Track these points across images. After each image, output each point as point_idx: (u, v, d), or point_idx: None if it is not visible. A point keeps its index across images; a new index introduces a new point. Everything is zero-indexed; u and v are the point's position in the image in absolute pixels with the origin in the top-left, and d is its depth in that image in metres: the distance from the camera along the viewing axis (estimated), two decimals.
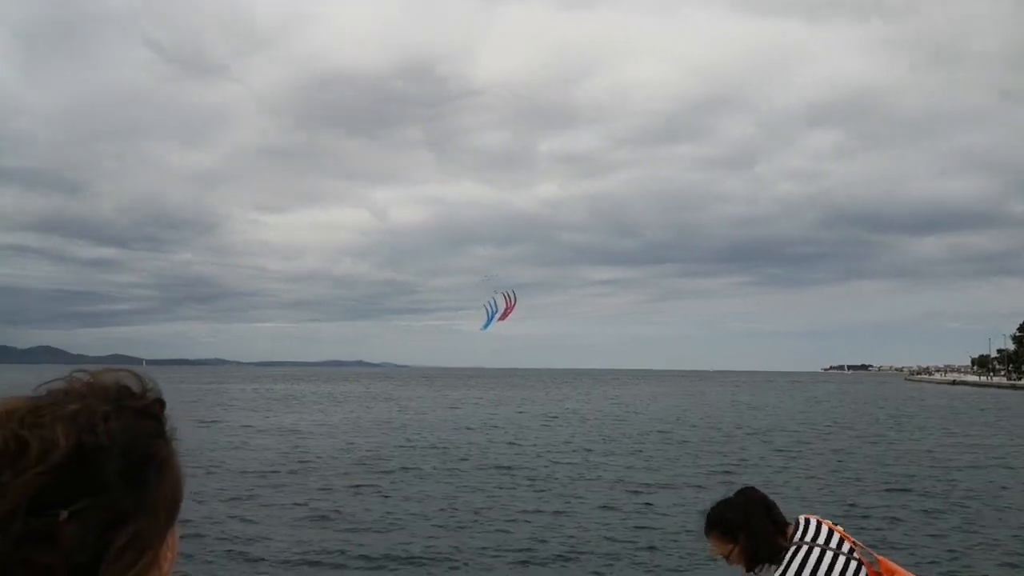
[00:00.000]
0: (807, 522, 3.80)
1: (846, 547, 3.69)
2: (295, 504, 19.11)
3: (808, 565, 3.62)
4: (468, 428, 43.34)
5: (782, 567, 3.63)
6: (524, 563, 13.74)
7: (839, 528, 3.79)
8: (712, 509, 3.91)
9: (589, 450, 31.42)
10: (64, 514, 1.13)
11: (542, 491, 21.27)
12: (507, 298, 73.00)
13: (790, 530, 3.76)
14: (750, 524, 3.76)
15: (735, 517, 3.80)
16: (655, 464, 26.99)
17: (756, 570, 3.74)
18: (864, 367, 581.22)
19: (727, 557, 3.82)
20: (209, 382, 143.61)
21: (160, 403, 1.32)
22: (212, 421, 46.18)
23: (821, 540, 3.70)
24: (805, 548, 3.67)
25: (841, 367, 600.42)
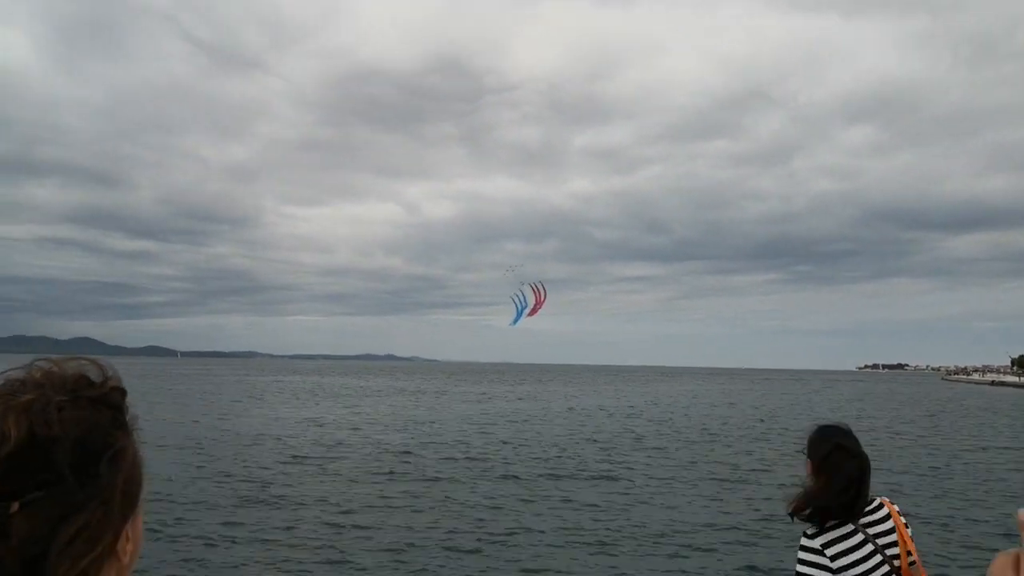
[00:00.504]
0: (879, 507, 3.68)
1: (894, 550, 3.56)
2: (317, 500, 19.14)
3: (841, 547, 3.50)
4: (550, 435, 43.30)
5: (818, 535, 3.53)
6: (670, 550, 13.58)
7: (906, 532, 3.65)
8: (819, 427, 3.81)
9: (661, 448, 31.00)
10: (15, 506, 1.11)
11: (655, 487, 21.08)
12: (536, 291, 72.52)
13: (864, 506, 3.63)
14: (824, 463, 3.62)
15: (816, 446, 3.69)
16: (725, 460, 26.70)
17: (798, 517, 3.61)
18: (899, 366, 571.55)
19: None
20: (242, 374, 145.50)
21: (120, 391, 1.30)
22: (235, 415, 46.68)
23: (875, 531, 3.59)
24: (859, 535, 3.55)
25: (875, 366, 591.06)
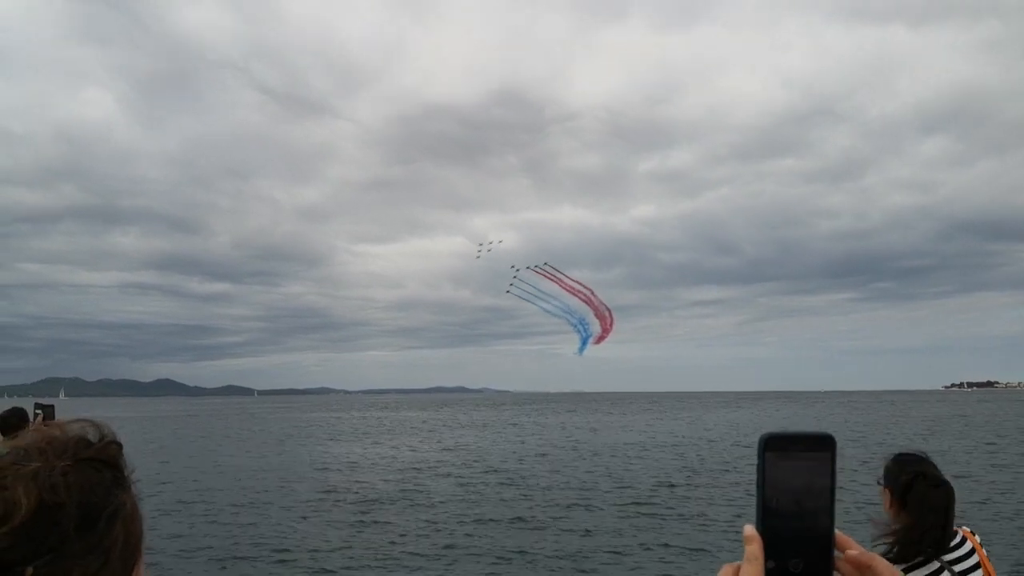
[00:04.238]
0: (962, 541, 3.48)
1: None
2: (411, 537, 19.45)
3: None
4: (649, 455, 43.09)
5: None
6: None
7: (991, 567, 3.48)
8: (897, 455, 3.67)
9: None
10: (30, 570, 1.23)
11: None
12: (601, 317, 71.85)
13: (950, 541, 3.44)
14: (907, 494, 3.46)
15: (895, 475, 3.54)
16: None
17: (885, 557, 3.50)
18: (988, 384, 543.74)
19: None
20: (318, 411, 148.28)
21: (117, 446, 1.40)
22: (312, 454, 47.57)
23: (961, 568, 3.39)
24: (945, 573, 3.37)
25: (962, 384, 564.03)
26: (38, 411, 8.43)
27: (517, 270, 78.98)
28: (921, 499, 3.42)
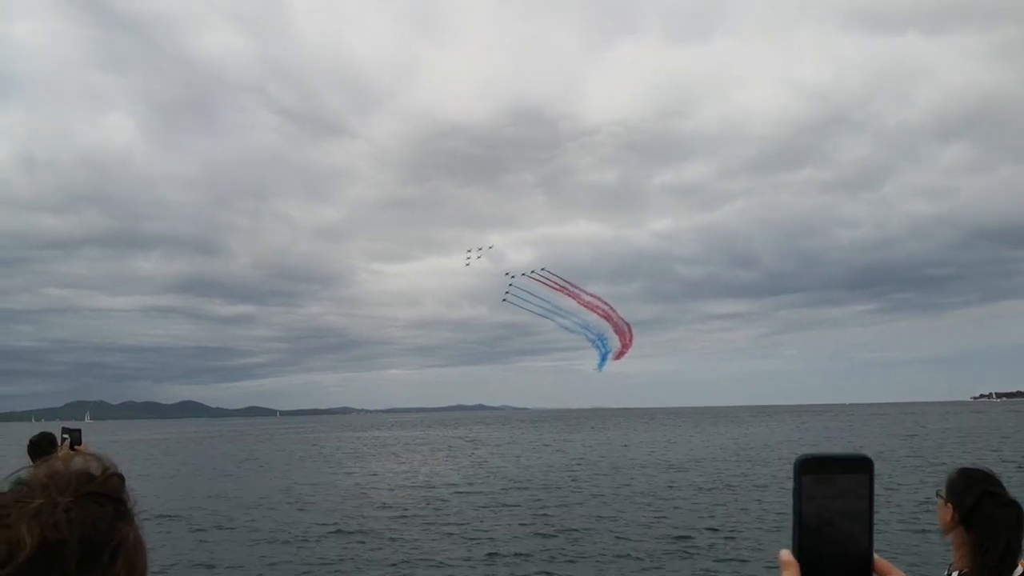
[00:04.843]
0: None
1: None
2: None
3: None
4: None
5: None
6: None
7: None
8: (962, 470, 3.51)
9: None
10: None
11: None
12: (621, 332, 70.74)
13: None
14: (973, 513, 3.29)
15: (961, 492, 3.38)
16: None
17: None
18: (1018, 394, 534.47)
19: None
20: (339, 431, 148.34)
21: (119, 479, 1.40)
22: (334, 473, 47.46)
23: None
24: None
25: (990, 395, 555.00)
26: (65, 435, 8.40)
27: (512, 277, 75.35)
28: (989, 519, 3.26)
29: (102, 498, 1.35)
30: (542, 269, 75.02)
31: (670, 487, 32.61)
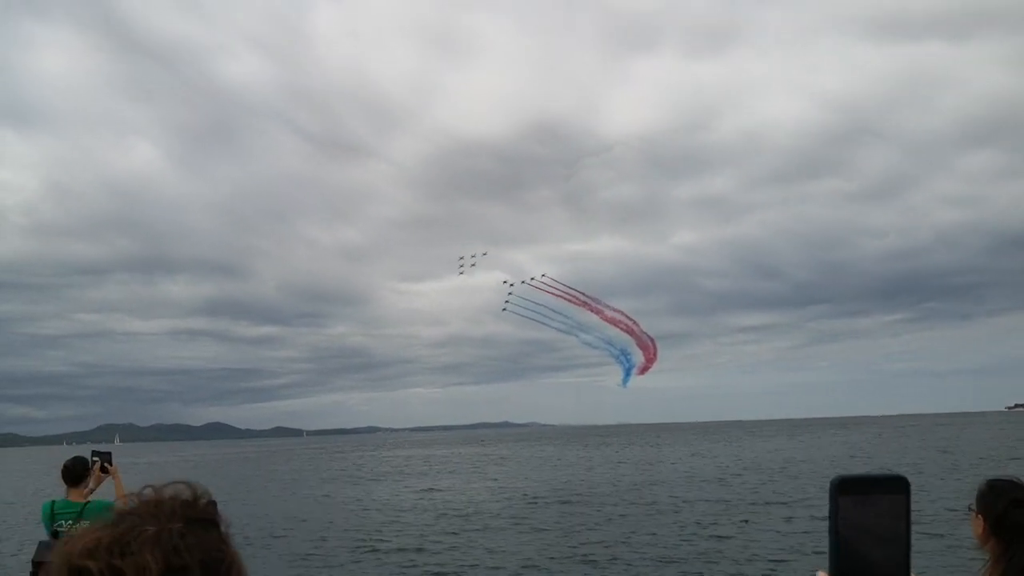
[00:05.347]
0: None
1: None
2: None
3: None
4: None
5: None
6: None
7: None
8: (991, 480, 3.50)
9: None
10: None
11: None
12: (645, 347, 69.70)
13: None
14: (1001, 521, 3.28)
15: (989, 502, 3.36)
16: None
17: None
18: None
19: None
20: (366, 450, 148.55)
21: (214, 504, 1.47)
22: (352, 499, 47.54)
23: None
24: None
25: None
26: (95, 458, 8.56)
27: (511, 285, 73.75)
28: (1016, 527, 3.25)
29: (206, 523, 1.41)
30: (542, 275, 72.82)
31: (700, 503, 32.27)
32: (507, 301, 73.68)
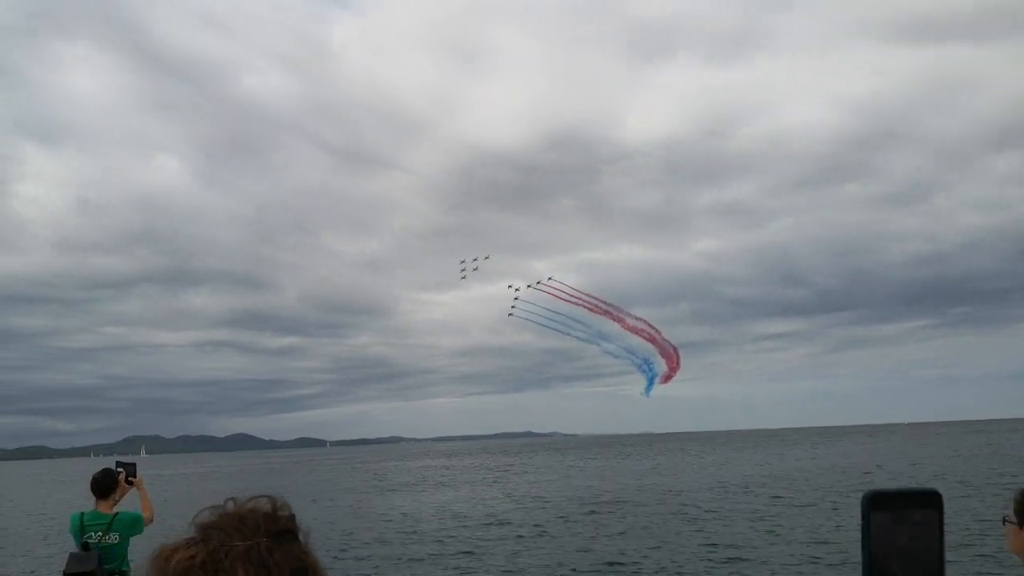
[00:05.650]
0: None
1: None
2: None
3: None
4: None
5: None
6: None
7: None
8: None
9: None
10: None
11: None
12: (668, 355, 68.97)
13: None
14: None
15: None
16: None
17: None
18: None
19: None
20: (389, 460, 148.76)
21: (293, 517, 1.51)
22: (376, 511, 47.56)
23: None
24: None
25: None
26: (120, 469, 8.66)
27: (517, 290, 71.37)
28: None
29: (289, 535, 1.45)
30: (549, 279, 71.14)
31: (725, 514, 31.96)
32: (513, 306, 72.23)
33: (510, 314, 72.18)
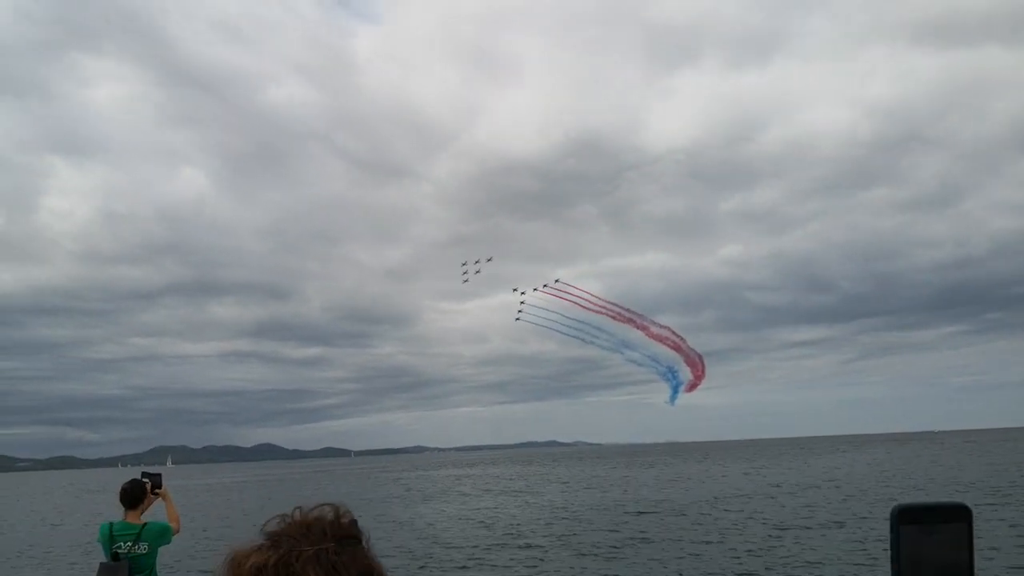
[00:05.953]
0: None
1: None
2: None
3: None
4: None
5: None
6: None
7: None
8: None
9: None
10: None
11: None
12: (693, 364, 68.09)
13: None
14: None
15: None
16: None
17: None
18: None
19: None
20: (414, 470, 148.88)
21: (355, 522, 1.57)
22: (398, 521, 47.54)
23: None
24: None
25: None
26: (145, 479, 8.76)
27: (523, 293, 70.55)
28: None
29: (353, 540, 1.51)
30: (556, 281, 69.79)
31: (751, 524, 31.62)
32: (519, 311, 71.17)
33: (517, 319, 71.24)
